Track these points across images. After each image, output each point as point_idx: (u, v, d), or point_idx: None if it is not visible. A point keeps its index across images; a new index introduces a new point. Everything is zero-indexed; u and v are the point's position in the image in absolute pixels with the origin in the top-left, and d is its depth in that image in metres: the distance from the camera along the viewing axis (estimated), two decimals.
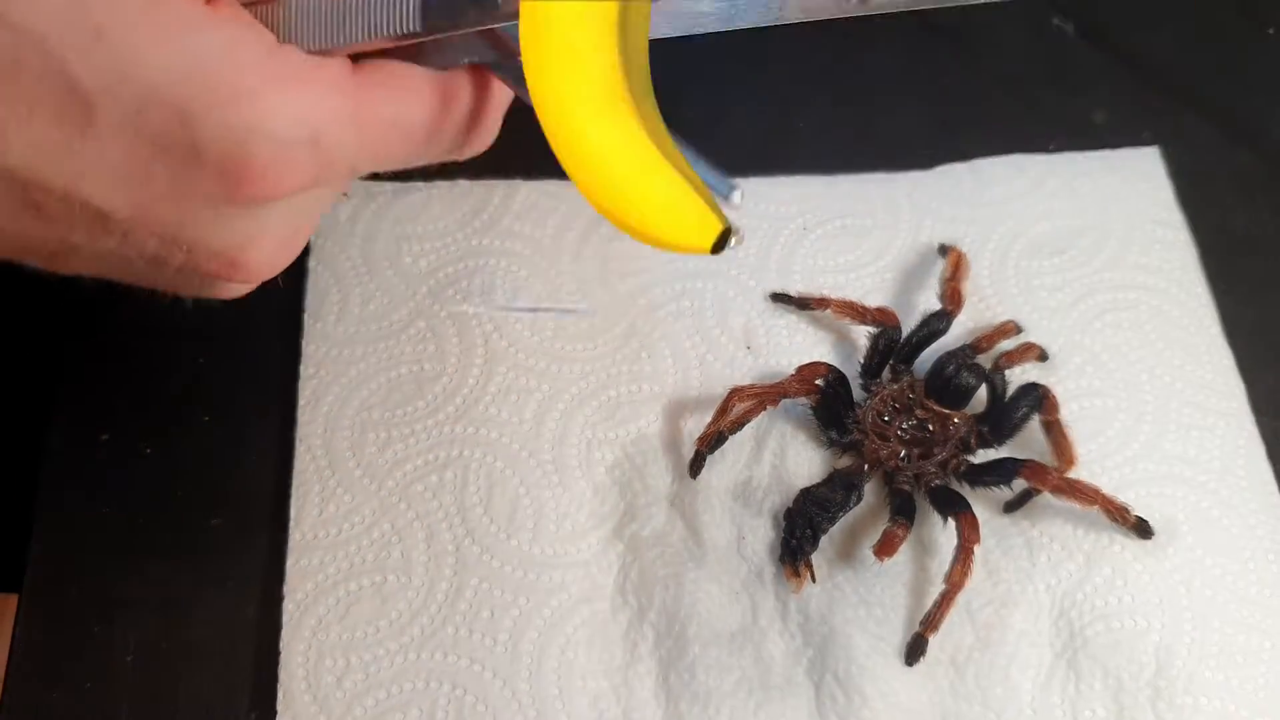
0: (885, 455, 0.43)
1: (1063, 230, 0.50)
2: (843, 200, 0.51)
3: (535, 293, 0.48)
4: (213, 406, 0.46)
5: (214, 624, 0.42)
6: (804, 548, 0.41)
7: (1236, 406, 0.46)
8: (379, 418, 0.45)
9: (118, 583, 0.42)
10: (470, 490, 0.44)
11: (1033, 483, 0.42)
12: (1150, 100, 0.55)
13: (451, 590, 0.42)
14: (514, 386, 0.46)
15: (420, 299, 0.48)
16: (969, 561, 0.40)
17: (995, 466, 0.43)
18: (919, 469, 0.43)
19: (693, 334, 0.47)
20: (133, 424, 0.45)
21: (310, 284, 0.48)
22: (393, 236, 0.49)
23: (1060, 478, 0.41)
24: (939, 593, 0.40)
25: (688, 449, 0.44)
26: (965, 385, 0.43)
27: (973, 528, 0.40)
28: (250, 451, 0.45)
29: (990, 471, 0.43)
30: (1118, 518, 0.41)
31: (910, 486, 0.43)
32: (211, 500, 0.44)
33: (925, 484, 0.43)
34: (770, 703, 0.40)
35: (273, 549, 0.43)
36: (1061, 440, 0.43)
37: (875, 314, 0.46)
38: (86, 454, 0.45)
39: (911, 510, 0.42)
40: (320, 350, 0.47)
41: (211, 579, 0.43)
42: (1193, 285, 0.49)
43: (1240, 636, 0.41)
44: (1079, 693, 0.40)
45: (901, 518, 0.41)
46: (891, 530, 0.40)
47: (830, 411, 0.44)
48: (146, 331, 0.47)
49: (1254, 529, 0.43)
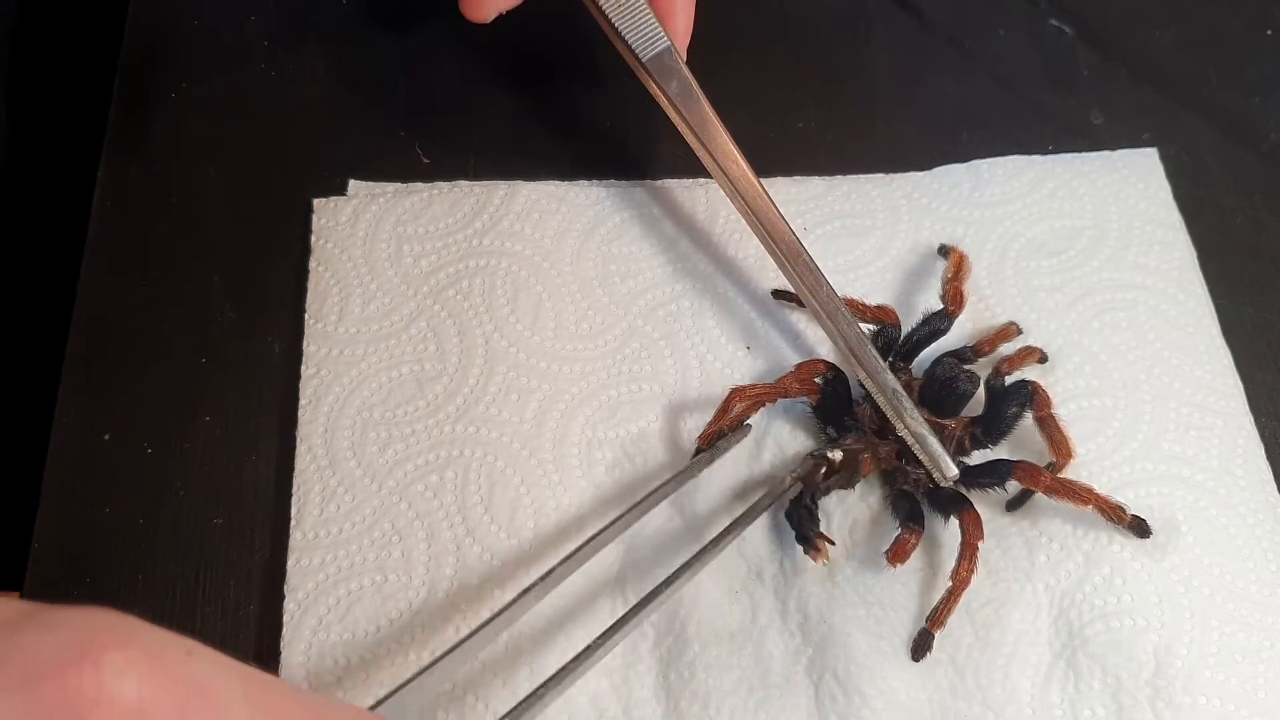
0: (883, 454, 0.43)
1: (1061, 231, 0.50)
2: (842, 200, 0.51)
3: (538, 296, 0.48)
4: (214, 406, 0.46)
5: (215, 623, 0.42)
6: (807, 526, 0.41)
7: (1235, 406, 0.46)
8: (380, 417, 0.45)
9: (118, 582, 0.42)
10: (471, 490, 0.44)
11: (1025, 483, 0.42)
12: (1148, 101, 0.55)
13: (452, 590, 0.42)
14: (514, 386, 0.46)
15: (421, 299, 0.48)
16: (974, 558, 0.40)
17: (989, 468, 0.43)
18: (916, 473, 0.43)
19: (693, 334, 0.48)
20: (134, 423, 0.45)
21: (311, 284, 0.48)
22: (394, 237, 0.49)
23: (1053, 478, 0.41)
24: (945, 590, 0.40)
25: (688, 448, 0.44)
26: (960, 393, 0.43)
27: (976, 525, 0.40)
28: (251, 451, 0.45)
29: (984, 474, 0.43)
30: (1113, 517, 0.41)
31: (911, 488, 0.43)
32: (212, 499, 0.44)
33: (924, 485, 0.43)
34: (770, 701, 0.40)
35: (274, 548, 0.43)
36: (1056, 435, 0.43)
37: (875, 311, 0.46)
38: (88, 453, 0.45)
39: (921, 516, 0.42)
40: (321, 350, 0.47)
41: (212, 578, 0.43)
42: (1191, 285, 0.49)
43: (1240, 636, 0.41)
44: (1078, 692, 0.40)
45: (913, 524, 0.41)
46: (904, 537, 0.41)
47: (829, 410, 0.44)
48: (148, 332, 0.48)
49: (1253, 528, 0.43)
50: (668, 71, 0.44)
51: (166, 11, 0.56)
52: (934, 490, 0.43)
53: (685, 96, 0.44)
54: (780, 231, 0.44)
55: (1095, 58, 0.56)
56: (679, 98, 0.44)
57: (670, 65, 0.44)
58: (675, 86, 0.44)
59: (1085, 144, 0.53)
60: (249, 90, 0.54)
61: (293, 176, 0.51)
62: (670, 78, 0.44)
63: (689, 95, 0.44)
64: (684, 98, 0.44)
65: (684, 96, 0.44)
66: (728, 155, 0.44)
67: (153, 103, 0.53)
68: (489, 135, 0.53)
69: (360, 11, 0.57)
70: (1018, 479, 0.42)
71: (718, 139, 0.44)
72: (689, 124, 0.44)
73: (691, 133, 0.44)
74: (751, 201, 0.44)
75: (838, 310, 0.43)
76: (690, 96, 0.44)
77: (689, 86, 0.44)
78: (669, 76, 0.44)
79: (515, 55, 0.55)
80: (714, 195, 0.51)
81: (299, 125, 0.53)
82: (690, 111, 0.44)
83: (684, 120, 0.44)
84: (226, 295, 0.49)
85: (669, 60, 0.44)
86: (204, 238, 0.50)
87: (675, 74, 0.44)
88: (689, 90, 0.44)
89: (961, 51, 0.56)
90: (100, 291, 0.49)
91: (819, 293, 0.43)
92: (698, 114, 0.44)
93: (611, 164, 0.52)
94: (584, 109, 0.54)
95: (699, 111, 0.44)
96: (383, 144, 0.53)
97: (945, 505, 0.42)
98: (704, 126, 0.44)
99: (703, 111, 0.44)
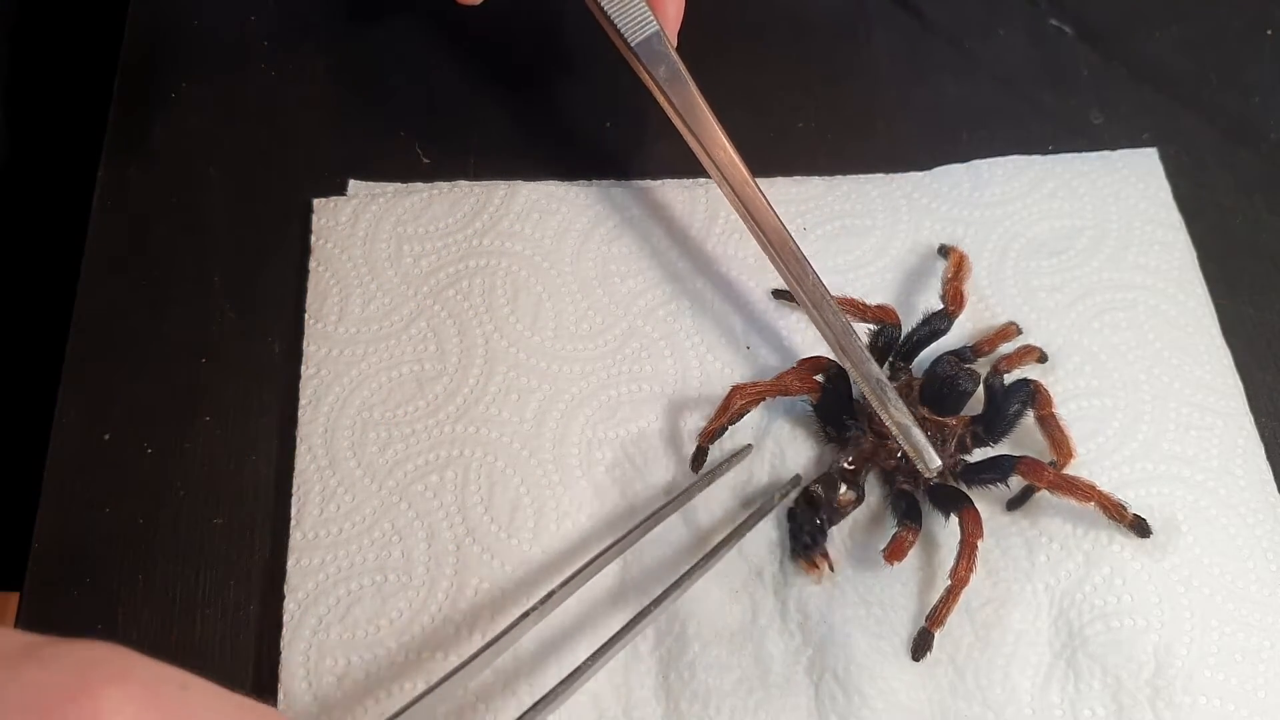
0: (882, 454, 0.43)
1: (1061, 231, 0.50)
2: (842, 200, 0.51)
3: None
4: (214, 406, 0.46)
5: (215, 623, 0.42)
6: (815, 544, 0.41)
7: (1235, 406, 0.46)
8: (380, 417, 0.45)
9: (118, 582, 0.42)
10: (471, 490, 0.44)
11: (1029, 479, 0.42)
12: (1148, 101, 0.55)
13: (452, 590, 0.42)
14: (514, 386, 0.46)
15: (421, 299, 0.48)
16: (973, 556, 0.40)
17: (991, 464, 0.43)
18: (915, 469, 0.43)
19: (693, 334, 0.48)
20: (134, 424, 0.45)
21: (311, 284, 0.48)
22: (394, 237, 0.49)
23: (1056, 474, 0.41)
24: (944, 588, 0.40)
25: (688, 448, 0.44)
26: (959, 391, 0.43)
27: (975, 523, 0.40)
28: (251, 451, 0.45)
29: (987, 469, 0.43)
30: (1114, 514, 0.41)
31: (911, 486, 0.43)
32: (213, 499, 0.44)
33: (924, 483, 0.43)
34: (770, 701, 0.40)
35: (274, 548, 0.43)
36: (1057, 434, 0.43)
37: (875, 311, 0.46)
38: (88, 453, 0.45)
39: (918, 513, 0.42)
40: (321, 350, 0.47)
41: (212, 578, 0.43)
42: (1191, 285, 0.49)
43: (1239, 636, 0.41)
44: (1078, 692, 0.40)
45: (910, 521, 0.41)
46: (901, 535, 0.41)
47: (829, 408, 0.44)
48: (148, 332, 0.48)
49: (1253, 528, 0.43)
50: (657, 57, 0.44)
51: (166, 11, 0.56)
52: (934, 488, 0.43)
53: (674, 82, 0.44)
54: (768, 221, 0.44)
55: (1095, 58, 0.56)
56: (668, 83, 0.44)
57: (659, 50, 0.44)
58: (664, 72, 0.44)
59: (1085, 144, 0.53)
60: (249, 90, 0.54)
61: (293, 176, 0.51)
62: (659, 63, 0.44)
63: (678, 80, 0.44)
64: (673, 83, 0.44)
65: (673, 82, 0.44)
66: (716, 143, 0.44)
67: (153, 103, 0.53)
68: (489, 135, 0.53)
69: (360, 11, 0.57)
70: (1021, 474, 0.42)
71: (706, 125, 0.44)
72: (677, 110, 0.44)
73: (680, 119, 0.44)
74: (739, 189, 0.44)
75: (823, 299, 0.43)
76: (679, 82, 0.44)
77: (678, 72, 0.44)
78: (658, 62, 0.44)
79: (515, 55, 0.55)
80: (714, 195, 0.51)
81: (299, 125, 0.53)
82: (679, 97, 0.44)
83: (672, 106, 0.44)
84: (226, 295, 0.49)
85: (658, 45, 0.44)
86: (204, 238, 0.50)
87: (664, 59, 0.44)
88: (678, 76, 0.44)
89: (961, 51, 0.56)
90: (100, 291, 0.49)
91: (805, 282, 0.43)
92: (686, 99, 0.44)
93: (611, 164, 0.52)
94: (584, 109, 0.54)
95: (687, 97, 0.44)
96: (383, 144, 0.53)
97: (945, 503, 0.42)
98: (692, 112, 0.44)
99: (691, 97, 0.44)
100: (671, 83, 0.44)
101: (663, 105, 0.44)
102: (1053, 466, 0.42)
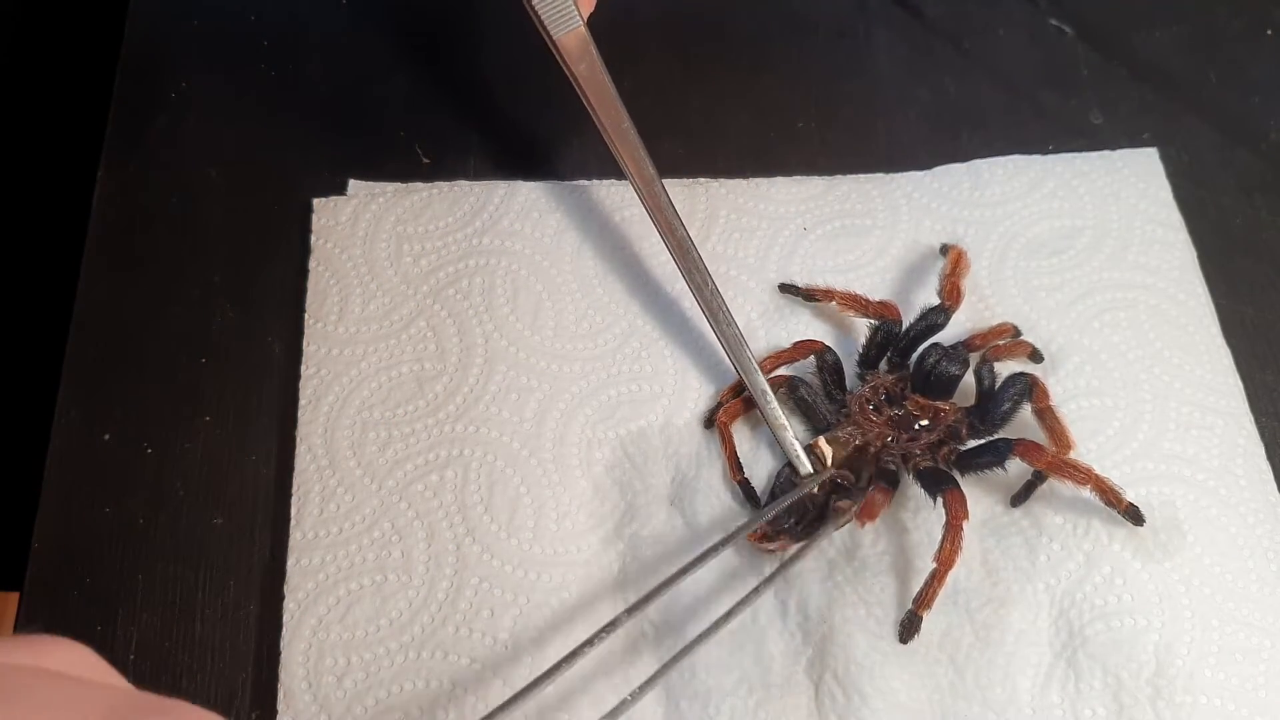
0: (872, 436, 0.43)
1: (1061, 230, 0.50)
2: (842, 200, 0.51)
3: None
4: (214, 406, 0.46)
5: (215, 623, 0.42)
6: (791, 530, 0.42)
7: (1235, 405, 0.46)
8: (379, 417, 0.45)
9: (118, 582, 0.42)
10: (471, 489, 0.44)
11: (1026, 460, 0.41)
12: (1148, 101, 0.55)
13: (452, 589, 0.42)
14: (514, 386, 0.46)
15: (421, 298, 0.48)
16: (958, 538, 0.40)
17: (989, 448, 0.43)
18: (905, 449, 0.43)
19: (693, 334, 0.48)
20: (134, 424, 0.45)
21: (311, 284, 0.48)
22: (393, 236, 0.49)
23: (1054, 456, 0.41)
24: (930, 571, 0.40)
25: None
26: (948, 374, 0.43)
27: (960, 504, 0.40)
28: (251, 451, 0.45)
29: (984, 453, 0.43)
30: (1110, 499, 0.41)
31: (896, 466, 0.43)
32: (213, 499, 0.44)
33: (914, 465, 0.43)
34: (770, 701, 0.40)
35: (274, 548, 0.43)
36: (1056, 426, 0.43)
37: (877, 307, 0.46)
38: (88, 454, 0.45)
39: (895, 479, 0.42)
40: (321, 350, 0.47)
41: (212, 578, 0.43)
42: (1191, 285, 0.49)
43: (1240, 635, 0.41)
44: (1078, 691, 0.40)
45: (883, 482, 0.41)
46: (872, 494, 0.41)
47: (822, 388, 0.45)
48: (148, 332, 0.48)
49: (1253, 528, 0.43)
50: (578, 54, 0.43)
51: (166, 11, 0.56)
52: (922, 471, 0.43)
53: (592, 80, 0.43)
54: (671, 226, 0.44)
55: (1095, 58, 0.56)
56: (586, 80, 0.43)
57: (582, 48, 0.43)
58: (584, 69, 0.43)
59: (1085, 144, 0.53)
60: (249, 90, 0.54)
61: (293, 176, 0.51)
62: (580, 60, 0.43)
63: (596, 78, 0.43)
64: (591, 81, 0.43)
65: (591, 80, 0.43)
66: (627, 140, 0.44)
67: (153, 103, 0.53)
68: (489, 135, 0.53)
69: (360, 11, 0.57)
70: (1019, 455, 0.41)
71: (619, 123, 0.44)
72: (593, 106, 0.44)
73: (596, 115, 0.44)
74: (646, 187, 0.44)
75: (720, 309, 0.44)
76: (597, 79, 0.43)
77: (596, 70, 0.43)
78: (579, 59, 0.43)
79: (515, 56, 0.55)
80: (714, 195, 0.51)
81: (299, 125, 0.53)
82: (595, 94, 0.44)
83: (589, 102, 0.44)
84: (226, 295, 0.49)
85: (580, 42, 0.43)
86: (204, 238, 0.50)
87: (585, 57, 0.43)
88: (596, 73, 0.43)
89: (961, 51, 0.56)
90: (100, 291, 0.49)
91: (704, 290, 0.44)
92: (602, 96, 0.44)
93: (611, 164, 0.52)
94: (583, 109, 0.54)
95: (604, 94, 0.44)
96: (383, 144, 0.53)
97: (931, 484, 0.42)
98: (607, 109, 0.44)
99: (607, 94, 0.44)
100: (590, 80, 0.43)
101: (583, 101, 0.44)
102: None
